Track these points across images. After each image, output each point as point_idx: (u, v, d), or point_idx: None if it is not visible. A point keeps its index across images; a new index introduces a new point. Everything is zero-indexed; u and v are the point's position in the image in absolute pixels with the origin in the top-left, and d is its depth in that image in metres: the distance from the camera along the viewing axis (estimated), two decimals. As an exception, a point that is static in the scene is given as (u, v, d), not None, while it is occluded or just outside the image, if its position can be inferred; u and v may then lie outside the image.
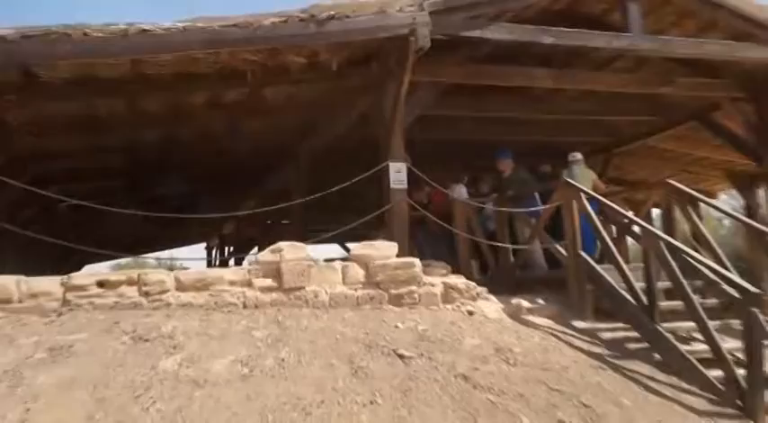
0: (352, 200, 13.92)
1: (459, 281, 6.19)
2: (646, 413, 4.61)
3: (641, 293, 5.93)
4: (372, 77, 7.56)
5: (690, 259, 5.78)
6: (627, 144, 11.91)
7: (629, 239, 8.14)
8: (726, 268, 6.14)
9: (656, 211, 8.76)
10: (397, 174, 7.15)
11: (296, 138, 10.10)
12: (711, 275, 5.87)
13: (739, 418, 4.89)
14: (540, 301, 6.55)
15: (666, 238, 5.93)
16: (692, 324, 5.66)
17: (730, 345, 5.58)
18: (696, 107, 10.17)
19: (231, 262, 16.18)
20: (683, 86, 9.08)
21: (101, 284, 5.20)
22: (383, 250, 5.96)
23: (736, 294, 5.32)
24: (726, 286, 5.58)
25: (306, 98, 8.28)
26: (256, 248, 14.47)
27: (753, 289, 5.21)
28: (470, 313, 5.92)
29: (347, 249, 17.42)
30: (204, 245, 21.03)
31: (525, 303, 6.39)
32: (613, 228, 8.19)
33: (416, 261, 5.97)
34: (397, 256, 6.01)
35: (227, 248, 18.29)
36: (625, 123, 11.54)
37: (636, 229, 6.45)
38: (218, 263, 17.76)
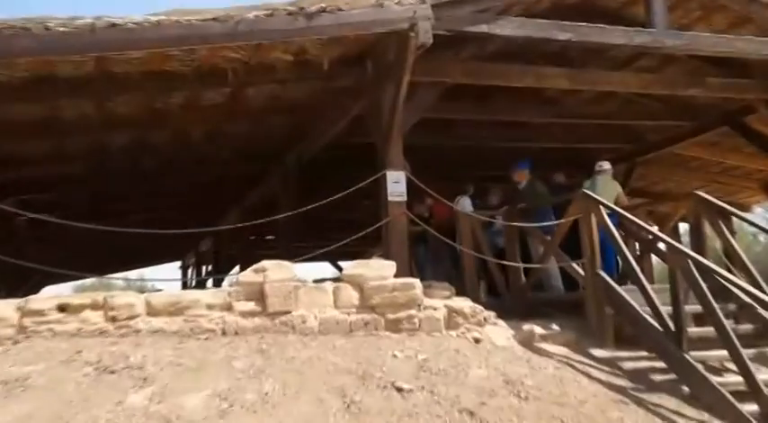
0: (346, 213, 13.99)
1: (464, 304, 6.18)
2: (673, 453, 4.58)
3: (667, 318, 5.92)
4: (368, 77, 7.58)
5: (721, 280, 5.77)
6: (651, 152, 11.94)
7: (654, 258, 8.18)
8: (761, 290, 6.13)
9: (683, 226, 8.76)
10: (396, 184, 7.14)
11: (282, 144, 10.11)
12: (745, 298, 5.86)
13: (777, 459, 4.86)
14: (555, 327, 6.53)
15: (695, 257, 5.92)
16: (723, 353, 5.64)
17: (766, 376, 5.56)
18: (727, 110, 10.20)
19: (209, 283, 16.15)
20: (712, 88, 9.11)
21: (62, 309, 5.16)
22: (379, 270, 5.94)
23: (774, 319, 5.31)
24: (761, 310, 5.58)
25: (293, 100, 8.29)
26: (237, 268, 14.45)
27: (792, 313, 5.20)
28: (477, 340, 5.90)
29: (339, 269, 17.45)
30: (179, 264, 21.03)
31: (538, 329, 6.36)
32: (636, 244, 8.21)
33: (416, 282, 5.95)
34: (396, 276, 6.00)
35: (204, 268, 18.26)
36: (648, 129, 11.58)
37: (661, 245, 6.44)
38: (194, 284, 17.73)
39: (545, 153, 11.00)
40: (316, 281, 6.21)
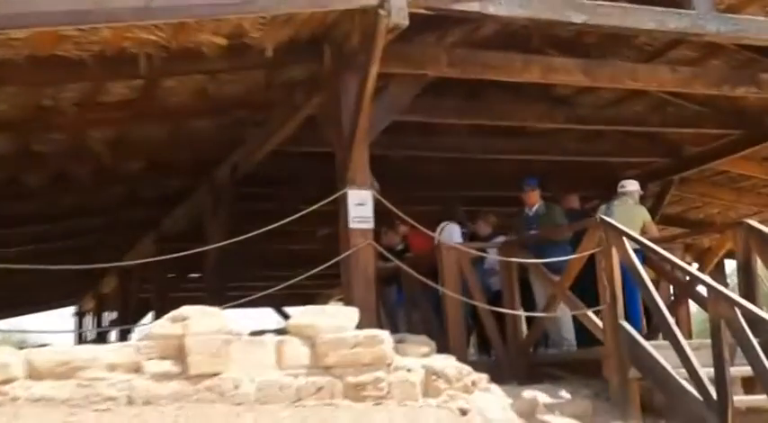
0: (294, 244, 13.95)
1: (447, 364, 6.18)
2: None
3: (708, 383, 5.98)
4: (325, 68, 7.62)
5: (778, 334, 5.86)
6: (689, 168, 12.10)
7: (693, 305, 8.27)
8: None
9: (730, 264, 8.88)
10: (360, 207, 7.17)
11: (211, 153, 10.10)
12: (808, 357, 5.94)
13: None
14: (565, 394, 6.57)
15: (744, 304, 6.01)
16: (781, 428, 5.73)
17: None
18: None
19: (112, 335, 15.98)
20: (767, 87, 9.26)
21: None
22: (337, 319, 5.94)
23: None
24: (828, 373, 5.65)
25: (226, 95, 8.31)
26: (151, 315, 14.32)
27: None
28: (463, 412, 5.91)
29: (285, 317, 17.35)
30: (72, 310, 20.79)
31: (543, 397, 6.39)
32: (670, 288, 8.30)
33: (386, 335, 5.95)
34: (359, 326, 6.00)
35: (106, 315, 18.08)
36: (686, 138, 11.75)
37: (701, 289, 6.52)
38: (92, 337, 17.53)
39: (553, 168, 11.12)
40: (253, 333, 6.20)
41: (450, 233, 9.13)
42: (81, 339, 17.99)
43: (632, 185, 9.12)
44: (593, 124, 10.84)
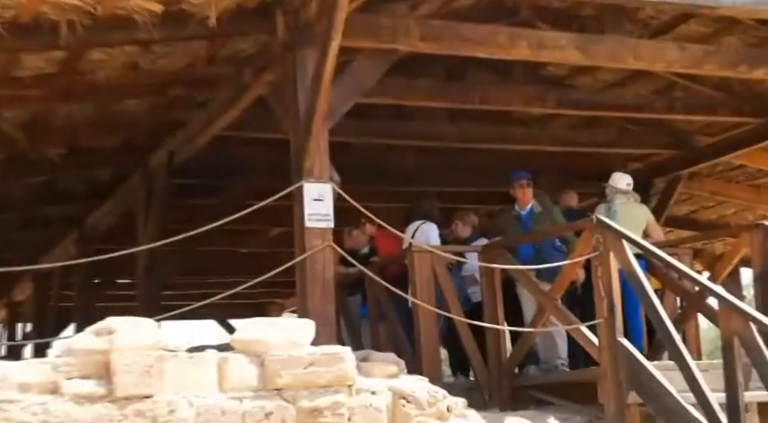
0: (241, 245, 13.91)
1: (418, 386, 6.19)
2: None
3: (719, 410, 6.03)
4: (277, 40, 7.60)
5: (799, 353, 5.91)
6: (700, 162, 12.15)
7: (702, 319, 8.34)
8: None
9: (746, 273, 8.95)
10: (318, 202, 7.16)
11: (145, 138, 10.04)
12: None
13: None
14: (554, 422, 6.58)
15: (761, 319, 6.06)
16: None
17: None
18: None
19: (27, 351, 15.88)
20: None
21: None
22: (290, 333, 5.93)
23: None
24: None
25: (162, 71, 8.27)
26: (72, 327, 14.23)
27: None
28: (437, 442, 5.93)
29: (230, 330, 17.32)
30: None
31: (529, 426, 6.43)
32: (677, 300, 8.35)
33: (347, 352, 5.96)
34: (315, 342, 6.00)
35: (20, 327, 17.95)
36: (697, 128, 11.83)
37: (712, 301, 6.56)
38: (2, 352, 17.41)
39: (543, 160, 11.15)
40: (192, 349, 6.17)
41: (426, 234, 9.08)
42: (-10, 355, 17.87)
43: (624, 179, 9.12)
44: (589, 109, 10.86)
